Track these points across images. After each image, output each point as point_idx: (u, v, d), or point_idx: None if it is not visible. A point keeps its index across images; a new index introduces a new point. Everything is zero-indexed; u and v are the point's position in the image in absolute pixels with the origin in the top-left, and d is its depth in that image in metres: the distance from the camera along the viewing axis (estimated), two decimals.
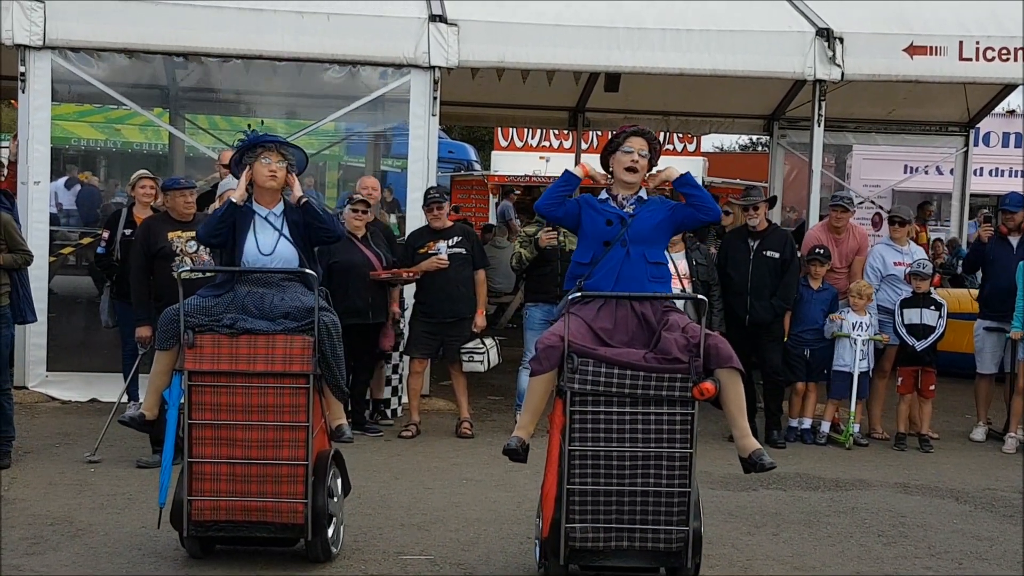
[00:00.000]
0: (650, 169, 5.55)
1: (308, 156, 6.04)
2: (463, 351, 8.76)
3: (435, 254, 8.70)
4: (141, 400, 6.58)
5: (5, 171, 10.33)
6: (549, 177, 20.35)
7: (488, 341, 8.88)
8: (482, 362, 8.76)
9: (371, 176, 10.74)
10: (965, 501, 7.41)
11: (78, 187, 18.02)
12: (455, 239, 8.82)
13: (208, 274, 6.26)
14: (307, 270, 5.54)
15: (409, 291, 9.17)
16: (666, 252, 5.72)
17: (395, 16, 9.76)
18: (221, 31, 9.49)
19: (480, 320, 8.82)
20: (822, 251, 9.18)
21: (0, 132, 20.18)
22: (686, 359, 5.13)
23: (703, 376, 5.13)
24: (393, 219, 15.19)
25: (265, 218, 5.66)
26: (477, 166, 25.38)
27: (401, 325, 9.13)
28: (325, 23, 9.62)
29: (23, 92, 9.37)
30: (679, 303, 6.52)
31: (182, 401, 5.39)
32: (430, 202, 8.87)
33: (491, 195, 22.12)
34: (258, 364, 5.35)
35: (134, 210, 8.51)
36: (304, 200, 5.65)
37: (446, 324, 8.74)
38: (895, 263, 9.42)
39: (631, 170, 5.43)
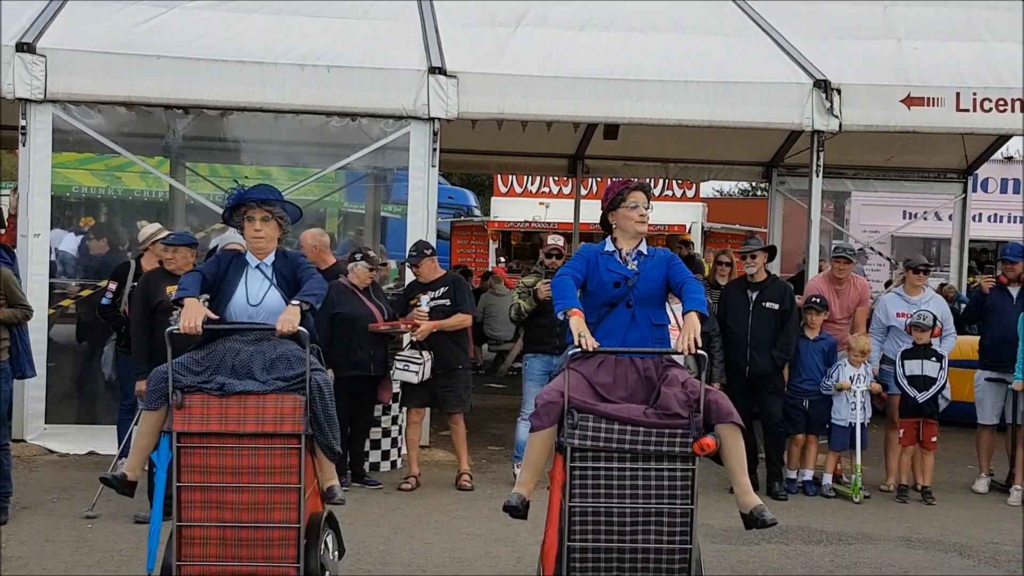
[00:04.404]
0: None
1: (301, 209, 5.98)
2: (398, 358, 8.60)
3: (417, 308, 8.69)
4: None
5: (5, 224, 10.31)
6: (548, 223, 20.45)
7: (426, 354, 8.66)
8: (417, 372, 8.57)
9: (310, 231, 9.66)
10: (968, 555, 7.35)
11: (81, 236, 18.08)
12: (441, 290, 8.80)
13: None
14: (300, 328, 5.38)
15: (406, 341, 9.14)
16: (667, 303, 5.75)
17: (395, 68, 9.82)
18: (222, 84, 9.53)
19: (427, 326, 8.55)
20: (818, 300, 9.18)
21: (0, 180, 20.23)
22: (686, 414, 5.12)
23: (703, 431, 5.12)
24: (394, 264, 15.23)
25: (256, 268, 5.63)
26: (477, 211, 25.48)
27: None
28: (325, 75, 9.67)
29: (24, 145, 9.41)
30: (679, 357, 6.51)
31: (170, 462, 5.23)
32: (409, 260, 8.94)
33: (491, 241, 22.21)
34: (248, 424, 5.21)
35: (142, 261, 8.51)
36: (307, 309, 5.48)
37: (437, 375, 8.70)
38: (898, 314, 9.39)
39: (642, 223, 5.53)
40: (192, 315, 5.28)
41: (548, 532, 5.21)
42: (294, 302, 5.41)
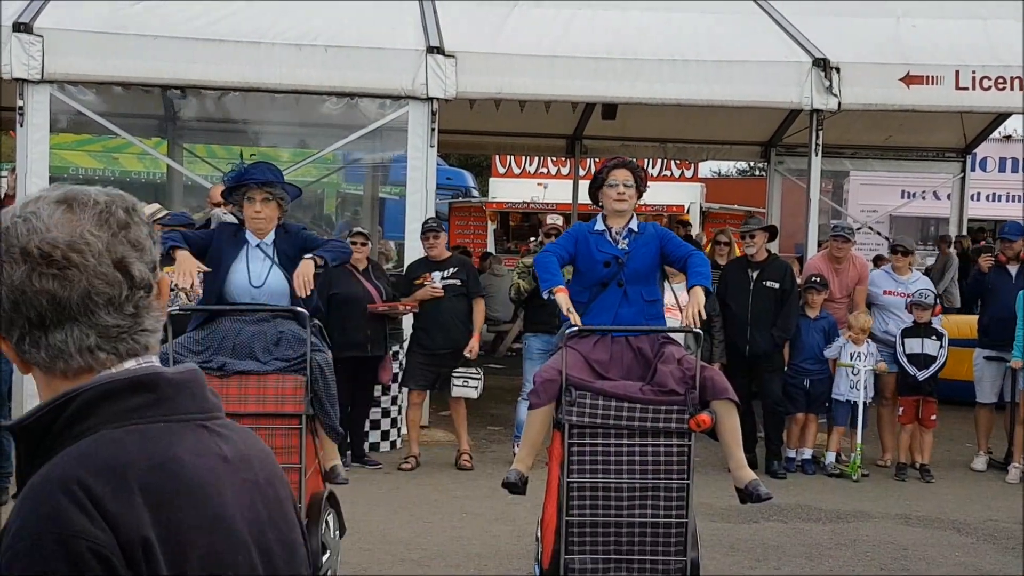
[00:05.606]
0: (639, 196, 5.61)
1: (301, 189, 6.00)
2: (456, 375, 8.69)
3: (431, 284, 8.71)
4: None
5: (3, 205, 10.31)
6: (547, 204, 20.42)
7: (481, 370, 8.86)
8: (476, 387, 8.70)
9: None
10: (967, 533, 7.37)
11: None
12: (451, 270, 8.82)
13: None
14: (299, 308, 5.40)
15: (407, 322, 9.15)
16: (667, 283, 5.77)
17: (393, 48, 9.78)
18: (219, 64, 9.50)
19: (474, 345, 8.73)
20: (818, 279, 9.18)
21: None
22: (682, 391, 5.15)
23: (699, 408, 5.14)
24: (392, 245, 15.20)
25: (257, 247, 5.61)
26: (475, 193, 25.43)
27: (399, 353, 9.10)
28: (323, 55, 9.63)
29: (21, 126, 9.37)
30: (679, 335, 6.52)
31: None
32: (427, 231, 8.90)
33: (489, 222, 22.18)
34: (249, 404, 5.23)
35: None
36: (321, 265, 5.53)
37: (442, 355, 8.72)
38: (885, 291, 9.42)
39: (621, 201, 5.48)
40: (185, 268, 5.28)
41: (547, 507, 5.25)
42: (308, 256, 5.40)
